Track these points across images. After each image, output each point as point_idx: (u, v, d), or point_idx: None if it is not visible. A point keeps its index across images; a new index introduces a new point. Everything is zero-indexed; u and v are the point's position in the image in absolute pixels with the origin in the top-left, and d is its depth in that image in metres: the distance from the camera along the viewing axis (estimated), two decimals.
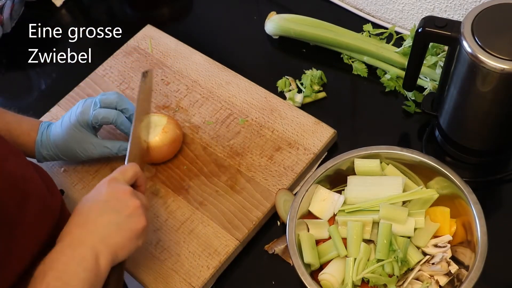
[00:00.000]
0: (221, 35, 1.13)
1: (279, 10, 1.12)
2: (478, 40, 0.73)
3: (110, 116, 0.88)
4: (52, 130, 0.90)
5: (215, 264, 0.83)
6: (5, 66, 1.21)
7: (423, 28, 0.80)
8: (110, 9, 1.28)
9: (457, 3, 0.98)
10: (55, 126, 0.90)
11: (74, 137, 0.88)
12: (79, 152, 0.89)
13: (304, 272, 0.72)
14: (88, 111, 0.88)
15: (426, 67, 0.96)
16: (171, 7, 1.25)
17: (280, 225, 0.88)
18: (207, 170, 0.93)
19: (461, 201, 0.76)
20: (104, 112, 0.88)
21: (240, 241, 0.85)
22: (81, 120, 0.88)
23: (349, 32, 1.05)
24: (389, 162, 0.82)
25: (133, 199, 0.72)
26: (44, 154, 0.90)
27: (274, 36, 1.11)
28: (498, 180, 0.89)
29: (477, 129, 0.86)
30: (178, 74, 1.05)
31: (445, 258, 0.75)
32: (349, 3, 1.14)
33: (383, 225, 0.74)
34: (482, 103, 0.80)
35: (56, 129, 0.90)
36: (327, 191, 0.81)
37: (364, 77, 1.03)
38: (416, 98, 0.97)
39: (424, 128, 0.95)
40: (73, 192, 0.93)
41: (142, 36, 1.12)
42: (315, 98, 1.01)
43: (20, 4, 1.19)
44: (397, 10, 1.07)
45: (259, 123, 0.96)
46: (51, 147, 0.89)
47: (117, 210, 0.71)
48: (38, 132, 0.90)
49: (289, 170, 0.90)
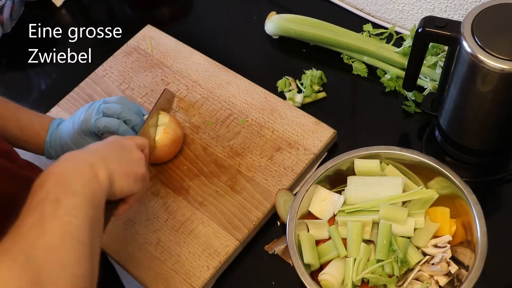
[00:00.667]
0: (221, 35, 1.13)
1: (279, 10, 1.12)
2: (478, 40, 0.73)
3: (112, 126, 0.88)
4: (60, 131, 0.90)
5: (215, 264, 0.83)
6: (5, 66, 1.21)
7: (423, 28, 0.80)
8: (110, 9, 1.28)
9: (457, 3, 0.97)
10: (62, 127, 0.90)
11: (78, 144, 0.88)
12: None
13: (304, 272, 0.72)
14: (90, 119, 0.88)
15: (426, 67, 0.96)
16: (171, 7, 1.25)
17: (280, 225, 0.88)
18: (207, 170, 0.93)
19: (461, 201, 0.76)
20: (106, 121, 0.87)
21: (240, 241, 0.85)
22: (84, 128, 0.88)
23: (349, 32, 1.05)
24: (389, 162, 0.82)
25: (138, 151, 0.72)
26: (52, 154, 0.90)
27: (274, 36, 1.11)
28: (498, 180, 0.89)
29: (477, 129, 0.86)
30: (178, 74, 1.05)
31: (445, 258, 0.75)
32: (349, 3, 1.14)
33: (383, 225, 0.74)
34: (482, 103, 0.80)
35: (63, 131, 0.90)
36: (327, 191, 0.81)
37: (364, 77, 1.03)
38: (416, 98, 0.97)
39: (424, 128, 0.95)
40: None
41: (142, 36, 1.12)
42: (315, 98, 1.01)
43: (20, 4, 1.19)
44: (397, 10, 1.07)
45: (259, 123, 0.96)
46: (58, 149, 0.89)
47: (120, 150, 0.70)
48: (48, 132, 0.90)
49: (289, 170, 0.90)
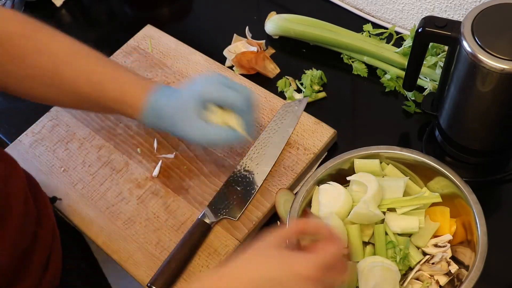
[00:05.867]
0: (221, 35, 1.13)
1: (279, 10, 1.12)
2: (478, 40, 0.73)
3: (237, 102, 0.76)
4: (165, 99, 0.78)
5: (215, 264, 0.83)
6: None
7: (423, 28, 0.80)
8: (110, 9, 1.28)
9: (457, 3, 0.98)
10: (168, 97, 0.78)
11: (190, 115, 0.76)
12: (192, 133, 0.77)
13: None
14: (211, 89, 0.77)
15: (426, 67, 0.96)
16: (171, 7, 1.25)
17: (280, 225, 0.88)
18: (207, 170, 0.93)
19: (461, 200, 0.76)
20: (232, 96, 0.76)
21: (240, 241, 0.85)
22: (204, 97, 0.76)
23: (349, 32, 1.05)
24: (389, 162, 0.82)
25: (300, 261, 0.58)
26: (152, 121, 0.79)
27: (274, 36, 1.11)
28: (498, 180, 0.89)
29: (477, 129, 0.86)
30: (178, 74, 1.05)
31: (445, 258, 0.75)
32: (349, 3, 1.14)
33: (378, 227, 0.75)
34: (482, 103, 0.80)
35: (172, 98, 0.78)
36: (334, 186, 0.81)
37: (364, 77, 1.03)
38: (416, 98, 0.97)
39: (424, 128, 0.95)
40: (73, 192, 0.94)
41: (142, 36, 1.12)
42: (315, 98, 1.01)
43: (20, 4, 1.20)
44: (397, 10, 1.07)
45: (259, 123, 0.96)
46: (163, 116, 0.78)
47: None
48: (150, 97, 0.78)
49: (289, 170, 0.90)
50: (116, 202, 0.91)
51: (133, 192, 0.92)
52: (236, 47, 1.08)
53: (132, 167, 0.95)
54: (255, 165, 0.90)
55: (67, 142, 0.99)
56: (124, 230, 0.88)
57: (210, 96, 0.77)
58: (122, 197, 0.92)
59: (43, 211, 0.84)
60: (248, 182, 0.89)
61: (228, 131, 0.77)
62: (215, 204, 0.87)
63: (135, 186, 0.93)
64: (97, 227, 0.89)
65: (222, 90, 0.77)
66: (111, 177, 0.94)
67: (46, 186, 0.93)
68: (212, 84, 0.77)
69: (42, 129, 1.01)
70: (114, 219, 0.90)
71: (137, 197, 0.91)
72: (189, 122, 0.76)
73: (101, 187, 0.93)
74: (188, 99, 0.77)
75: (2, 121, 1.07)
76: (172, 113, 0.77)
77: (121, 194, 0.92)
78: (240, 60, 1.05)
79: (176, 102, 0.77)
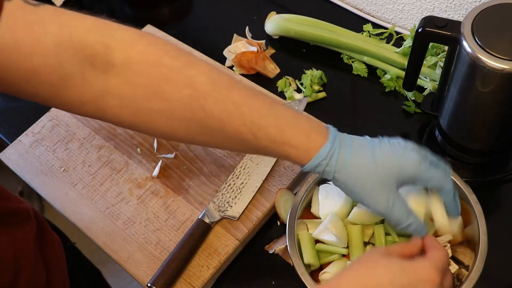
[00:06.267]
0: (221, 35, 1.13)
1: (279, 10, 1.12)
2: (478, 40, 0.73)
3: (444, 184, 0.67)
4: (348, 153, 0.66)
5: (215, 264, 0.83)
6: None
7: (423, 28, 0.80)
8: (110, 9, 1.28)
9: (457, 3, 0.98)
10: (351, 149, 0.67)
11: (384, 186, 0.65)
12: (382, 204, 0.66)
13: (304, 272, 0.72)
14: (411, 167, 0.66)
15: (426, 67, 0.96)
16: (171, 7, 1.25)
17: (280, 225, 0.88)
18: (207, 170, 0.93)
19: (461, 200, 0.76)
20: (438, 177, 0.67)
21: (240, 241, 0.85)
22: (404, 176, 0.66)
23: (349, 32, 1.05)
24: None
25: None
26: (328, 170, 0.65)
27: (274, 36, 1.11)
28: (498, 180, 0.89)
29: (477, 129, 0.86)
30: None
31: None
32: (349, 3, 1.14)
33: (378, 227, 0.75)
34: (482, 103, 0.80)
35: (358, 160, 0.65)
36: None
37: (364, 77, 1.03)
38: (416, 98, 0.97)
39: (424, 128, 0.95)
40: (73, 192, 0.93)
41: None
42: (315, 98, 1.01)
43: None
44: (397, 10, 1.07)
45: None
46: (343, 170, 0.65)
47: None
48: (328, 139, 0.66)
49: (289, 170, 0.90)
50: (116, 202, 0.91)
51: (133, 192, 0.92)
52: (236, 47, 1.09)
53: (132, 167, 0.95)
54: (255, 165, 0.90)
55: (67, 142, 0.99)
56: (124, 230, 0.88)
57: (412, 175, 0.66)
58: (122, 197, 0.92)
59: (52, 269, 0.80)
60: (248, 182, 0.89)
61: (419, 221, 0.67)
62: (215, 204, 0.87)
63: (135, 186, 0.93)
64: (97, 227, 0.89)
65: (427, 169, 0.66)
66: (111, 177, 0.94)
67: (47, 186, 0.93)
68: (417, 161, 0.66)
69: (42, 129, 1.01)
70: (114, 219, 0.90)
71: (137, 197, 0.91)
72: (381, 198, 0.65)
73: (101, 187, 0.93)
74: (384, 173, 0.65)
75: (2, 121, 1.07)
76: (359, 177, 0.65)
77: (121, 194, 0.92)
78: (240, 60, 1.05)
79: (367, 168, 0.65)
